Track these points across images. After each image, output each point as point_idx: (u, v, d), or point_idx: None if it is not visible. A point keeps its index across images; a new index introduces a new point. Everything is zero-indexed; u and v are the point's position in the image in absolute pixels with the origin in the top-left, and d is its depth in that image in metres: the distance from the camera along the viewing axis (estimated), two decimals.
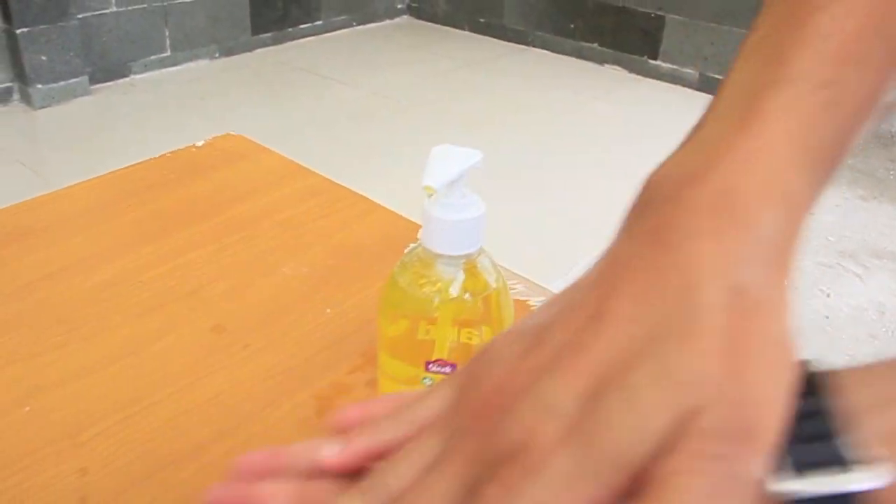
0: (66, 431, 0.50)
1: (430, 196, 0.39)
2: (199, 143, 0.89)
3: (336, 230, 0.73)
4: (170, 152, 0.87)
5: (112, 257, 0.68)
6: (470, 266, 0.43)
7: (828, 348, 1.92)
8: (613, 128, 3.19)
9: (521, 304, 0.61)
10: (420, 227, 0.42)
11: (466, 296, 0.42)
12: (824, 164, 0.29)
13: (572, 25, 3.85)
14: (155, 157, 0.86)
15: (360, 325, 0.61)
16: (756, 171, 0.26)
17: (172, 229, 0.72)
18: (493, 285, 0.44)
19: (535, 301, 0.63)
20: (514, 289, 0.63)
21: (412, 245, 0.44)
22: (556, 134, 3.10)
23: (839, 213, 2.59)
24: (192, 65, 3.80)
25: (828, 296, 2.15)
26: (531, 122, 3.19)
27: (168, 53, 3.68)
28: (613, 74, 3.76)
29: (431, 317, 0.42)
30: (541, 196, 2.61)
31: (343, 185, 0.81)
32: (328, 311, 0.62)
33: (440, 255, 0.41)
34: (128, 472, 0.47)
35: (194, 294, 0.64)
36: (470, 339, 0.43)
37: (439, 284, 0.42)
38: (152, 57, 3.61)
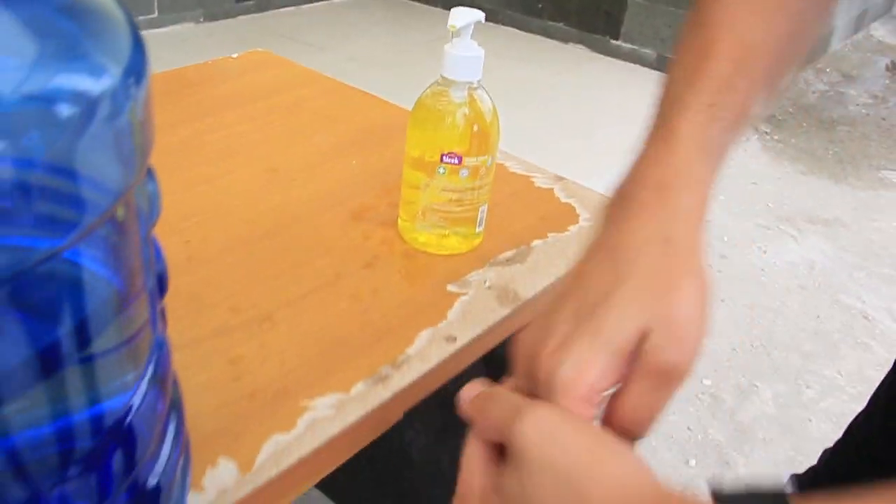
0: (173, 219, 0.69)
1: (452, 33, 0.59)
2: (235, 55, 1.07)
3: (355, 114, 0.92)
4: (210, 60, 1.06)
5: (179, 127, 0.86)
6: (471, 93, 0.63)
7: (761, 295, 2.15)
8: (575, 102, 3.40)
9: (515, 176, 0.81)
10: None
11: (466, 110, 0.63)
12: (716, 156, 0.45)
13: (540, 6, 4.06)
14: (197, 64, 1.05)
15: (379, 171, 0.80)
16: (675, 169, 0.43)
17: (224, 108, 0.91)
18: (488, 106, 0.64)
19: (535, 176, 0.83)
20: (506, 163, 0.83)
21: (433, 81, 0.64)
22: (521, 105, 3.30)
23: (780, 185, 2.83)
24: (177, 27, 3.93)
25: (764, 252, 2.39)
26: (498, 94, 3.38)
27: (155, 15, 3.81)
28: (577, 53, 3.97)
29: (446, 122, 0.62)
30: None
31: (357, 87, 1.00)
32: (354, 162, 0.82)
33: (454, 82, 0.61)
34: (219, 242, 0.67)
35: (250, 150, 0.82)
36: (471, 138, 0.63)
37: (451, 101, 0.62)
38: (140, 17, 3.73)
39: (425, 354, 0.56)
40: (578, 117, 3.13)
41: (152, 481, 0.39)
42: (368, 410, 0.51)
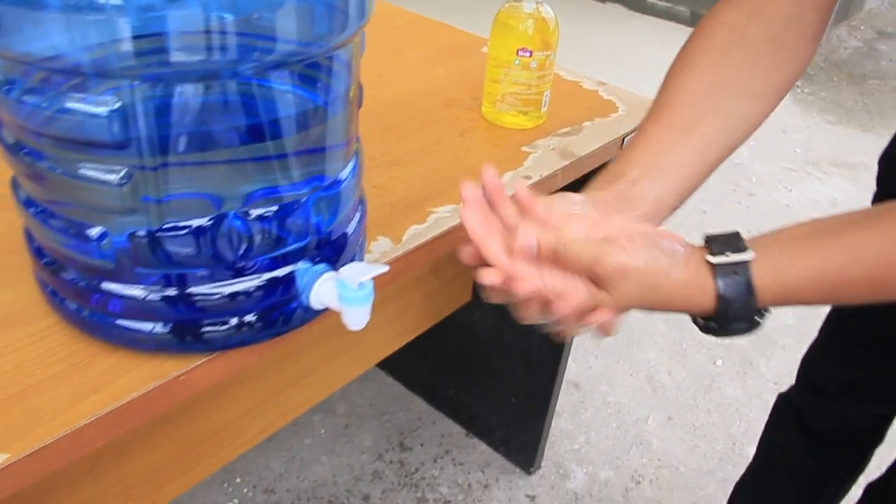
0: None
1: None
2: None
3: (436, 37, 1.15)
4: None
5: None
6: (537, 6, 0.85)
7: (785, 224, 2.35)
8: (611, 59, 3.58)
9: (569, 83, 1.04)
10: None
11: (533, 18, 0.85)
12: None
13: None
14: None
15: (459, 76, 1.03)
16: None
17: None
18: (550, 15, 0.86)
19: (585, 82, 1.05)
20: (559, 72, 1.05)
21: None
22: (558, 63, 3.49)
23: (808, 133, 3.00)
24: None
25: (790, 191, 2.57)
26: None
27: None
28: (614, 11, 4.14)
29: (520, 27, 0.85)
30: None
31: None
32: (440, 70, 1.05)
33: None
34: None
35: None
36: (538, 37, 0.86)
37: (522, 11, 0.85)
38: None
39: (510, 185, 0.80)
40: (614, 74, 3.32)
41: (343, 235, 0.62)
42: None
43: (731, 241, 0.56)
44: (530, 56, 0.87)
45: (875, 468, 1.01)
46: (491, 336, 1.39)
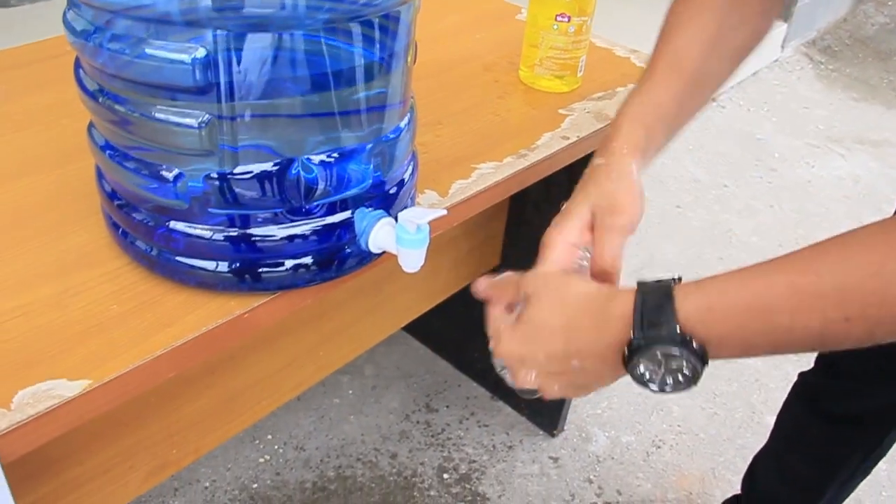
0: None
1: None
2: None
3: (473, 5, 1.18)
4: None
5: None
6: None
7: (807, 202, 2.36)
8: (635, 28, 3.58)
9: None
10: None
11: None
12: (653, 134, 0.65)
13: None
14: None
15: (497, 41, 1.06)
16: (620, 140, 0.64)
17: None
18: None
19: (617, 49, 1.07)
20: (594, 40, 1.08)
21: None
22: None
23: (831, 109, 2.99)
24: None
25: (812, 167, 2.58)
26: None
27: None
28: None
29: None
30: None
31: None
32: (478, 35, 1.07)
33: None
34: None
35: None
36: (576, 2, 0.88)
37: None
38: None
39: (549, 145, 0.83)
40: (639, 44, 3.32)
41: (397, 184, 0.65)
42: (515, 171, 0.78)
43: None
44: (568, 21, 0.89)
45: None
46: None
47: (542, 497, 1.40)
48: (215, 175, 0.54)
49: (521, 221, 1.21)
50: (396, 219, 0.60)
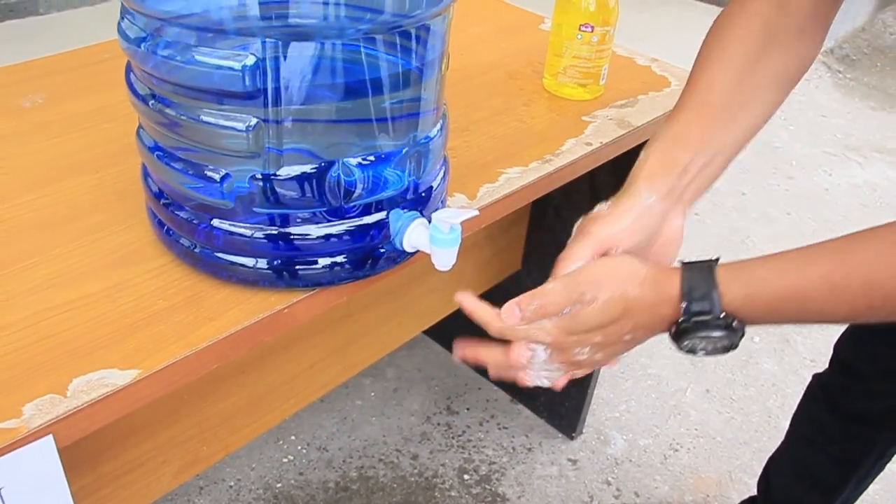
0: None
1: None
2: None
3: (496, 16, 1.21)
4: None
5: None
6: None
7: (824, 210, 2.37)
8: (653, 37, 3.60)
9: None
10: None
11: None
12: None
13: None
14: None
15: (521, 50, 1.09)
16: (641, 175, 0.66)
17: None
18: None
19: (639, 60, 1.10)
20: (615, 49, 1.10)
21: None
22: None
23: (849, 118, 3.00)
24: None
25: (830, 175, 2.59)
26: None
27: None
28: None
29: (582, 3, 0.90)
30: None
31: None
32: (503, 45, 1.10)
33: None
34: None
35: None
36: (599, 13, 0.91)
37: None
38: None
39: (573, 151, 0.85)
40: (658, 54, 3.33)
41: (430, 188, 0.68)
42: (540, 175, 0.81)
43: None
44: (591, 31, 0.92)
45: None
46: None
47: (560, 498, 1.42)
48: (259, 176, 0.57)
49: (543, 227, 1.24)
50: (429, 220, 0.62)
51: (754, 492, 1.29)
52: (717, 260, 0.58)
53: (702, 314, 0.56)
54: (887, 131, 2.91)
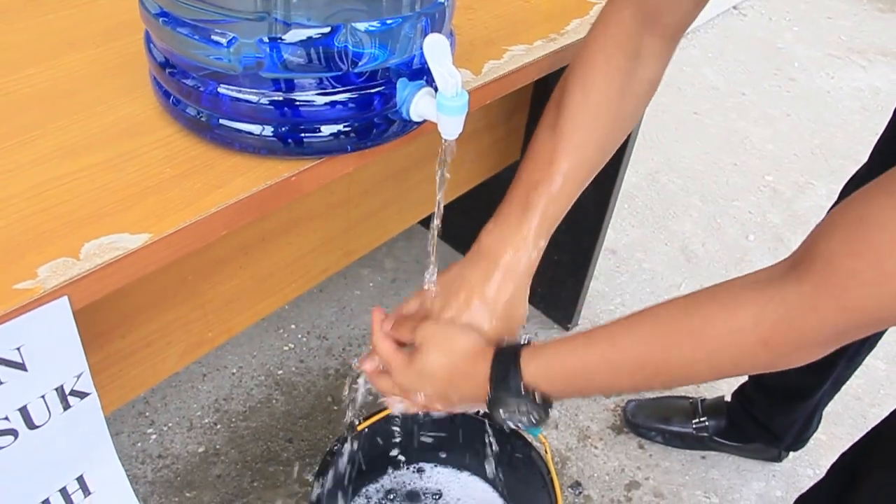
0: None
1: None
2: None
3: None
4: None
5: None
6: None
7: (825, 112, 2.35)
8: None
9: None
10: None
11: None
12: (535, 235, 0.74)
13: None
14: None
15: None
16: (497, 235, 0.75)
17: None
18: None
19: None
20: None
21: None
22: None
23: (856, 20, 2.95)
24: None
25: (832, 78, 2.56)
26: None
27: None
28: None
29: None
30: None
31: None
32: None
33: None
34: None
35: None
36: None
37: None
38: None
39: (577, 31, 0.84)
40: None
41: None
42: (546, 53, 0.80)
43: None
44: None
45: None
46: None
47: None
48: (267, 39, 0.56)
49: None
50: (436, 90, 0.62)
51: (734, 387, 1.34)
52: (527, 341, 0.67)
53: (504, 387, 0.63)
54: (893, 34, 2.87)
